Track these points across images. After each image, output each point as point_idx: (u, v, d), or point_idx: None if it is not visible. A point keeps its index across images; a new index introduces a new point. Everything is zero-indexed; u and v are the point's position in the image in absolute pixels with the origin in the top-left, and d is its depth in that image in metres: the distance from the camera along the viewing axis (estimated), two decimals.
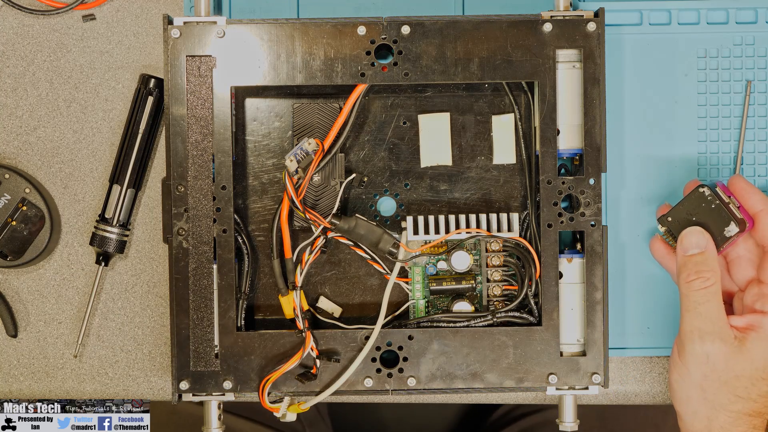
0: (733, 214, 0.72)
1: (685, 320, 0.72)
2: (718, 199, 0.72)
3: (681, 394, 0.74)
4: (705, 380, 0.72)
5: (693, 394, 0.72)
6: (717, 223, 0.72)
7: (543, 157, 0.76)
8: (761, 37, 0.81)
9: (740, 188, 0.74)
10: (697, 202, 0.73)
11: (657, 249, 0.78)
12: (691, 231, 0.73)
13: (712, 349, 0.71)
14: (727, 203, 0.72)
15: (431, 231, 0.78)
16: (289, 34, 0.75)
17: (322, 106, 0.80)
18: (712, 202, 0.72)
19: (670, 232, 0.75)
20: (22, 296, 0.85)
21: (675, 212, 0.74)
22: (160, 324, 0.85)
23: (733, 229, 0.72)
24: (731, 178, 0.75)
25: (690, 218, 0.73)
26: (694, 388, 0.72)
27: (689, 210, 0.74)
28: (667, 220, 0.74)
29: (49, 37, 0.85)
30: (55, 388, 0.85)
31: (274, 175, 0.81)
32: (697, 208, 0.73)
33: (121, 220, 0.83)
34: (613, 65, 0.81)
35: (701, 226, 0.73)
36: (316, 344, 0.77)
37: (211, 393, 0.76)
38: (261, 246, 0.81)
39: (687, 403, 0.73)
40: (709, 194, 0.72)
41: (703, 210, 0.73)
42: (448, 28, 0.75)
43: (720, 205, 0.72)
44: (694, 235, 0.73)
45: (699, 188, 0.73)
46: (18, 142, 0.85)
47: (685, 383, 0.73)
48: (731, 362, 0.71)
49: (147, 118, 0.82)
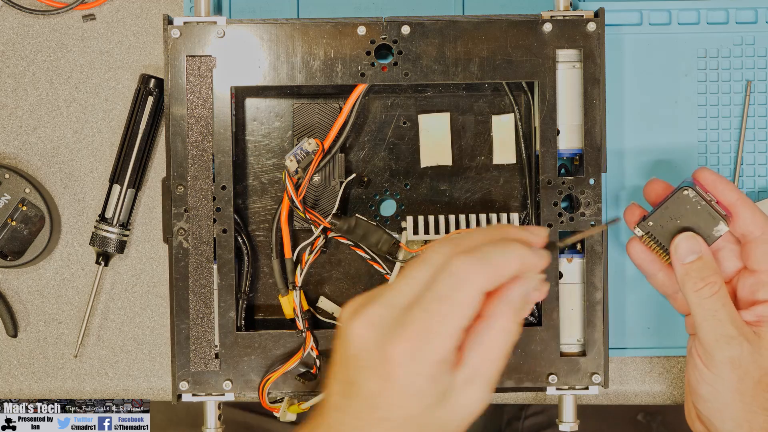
0: (719, 212, 0.70)
1: (706, 330, 0.70)
2: (703, 199, 0.71)
3: (717, 404, 0.71)
4: (741, 383, 0.70)
5: (730, 400, 0.70)
6: (706, 224, 0.71)
7: (543, 157, 0.76)
8: (761, 37, 0.81)
9: (711, 181, 0.72)
10: (681, 205, 0.71)
11: (637, 252, 0.75)
12: (684, 237, 0.71)
13: (741, 351, 0.69)
14: (710, 201, 0.71)
15: (431, 231, 0.78)
16: (289, 34, 0.75)
17: (322, 106, 0.80)
18: (697, 204, 0.71)
19: (651, 236, 0.72)
20: (22, 296, 0.85)
21: (658, 216, 0.72)
22: (160, 324, 0.85)
23: (723, 228, 0.71)
24: (697, 171, 0.73)
25: (675, 222, 0.71)
26: (730, 394, 0.70)
27: (673, 214, 0.71)
28: (648, 224, 0.72)
29: (49, 37, 0.85)
30: (55, 388, 0.85)
31: (274, 175, 0.81)
32: (682, 210, 0.71)
33: (121, 220, 0.83)
34: (613, 65, 0.81)
35: (689, 229, 0.71)
36: (316, 344, 0.77)
37: (210, 393, 0.76)
38: (261, 246, 0.81)
39: (725, 411, 0.71)
40: (693, 196, 0.71)
41: (689, 212, 0.71)
42: (448, 28, 0.75)
43: (706, 205, 0.71)
44: (688, 241, 0.71)
45: (683, 191, 0.71)
46: (18, 142, 0.85)
47: (720, 392, 0.70)
48: (757, 359, 0.69)
49: (147, 118, 0.82)
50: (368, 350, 0.57)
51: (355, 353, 0.58)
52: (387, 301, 0.58)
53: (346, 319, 0.59)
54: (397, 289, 0.58)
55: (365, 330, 0.57)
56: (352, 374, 0.58)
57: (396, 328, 0.56)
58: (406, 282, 0.58)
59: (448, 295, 0.57)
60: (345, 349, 0.58)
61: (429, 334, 0.56)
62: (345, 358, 0.58)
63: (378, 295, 0.59)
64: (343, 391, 0.59)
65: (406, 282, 0.58)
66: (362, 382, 0.57)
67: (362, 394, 0.57)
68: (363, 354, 0.57)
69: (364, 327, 0.57)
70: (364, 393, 0.57)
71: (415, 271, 0.59)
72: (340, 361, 0.59)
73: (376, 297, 0.59)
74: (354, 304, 0.59)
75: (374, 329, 0.57)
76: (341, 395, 0.59)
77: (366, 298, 0.59)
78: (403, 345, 0.56)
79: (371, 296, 0.59)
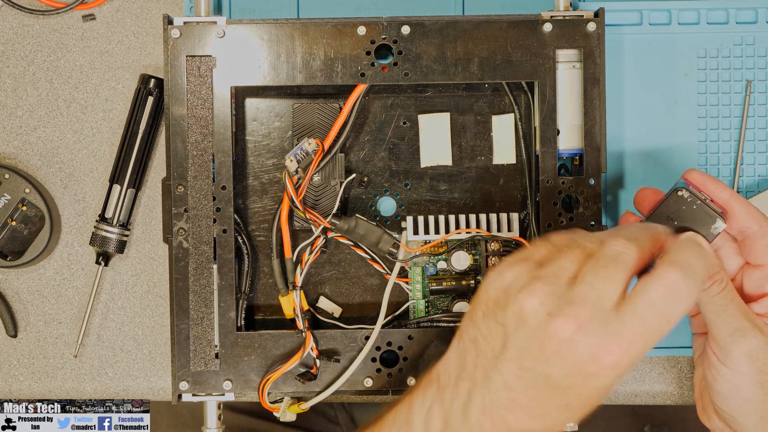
0: (716, 210, 0.71)
1: (719, 326, 0.70)
2: (698, 198, 0.71)
3: (738, 400, 0.71)
4: (761, 375, 0.70)
5: (752, 394, 0.70)
6: (704, 223, 0.71)
7: (543, 157, 0.76)
8: (761, 37, 0.81)
9: (701, 181, 0.72)
10: (677, 206, 0.71)
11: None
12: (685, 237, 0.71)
13: (757, 343, 0.69)
14: (704, 200, 0.71)
15: (431, 231, 0.78)
16: (289, 34, 0.75)
17: (322, 106, 0.80)
18: (693, 203, 0.71)
19: None
20: (22, 296, 0.85)
21: (654, 220, 0.72)
22: (160, 324, 0.85)
23: (720, 225, 0.71)
24: (686, 173, 0.73)
25: (673, 223, 0.71)
26: (752, 387, 0.70)
27: (670, 215, 0.71)
28: None
29: (49, 37, 0.85)
30: (55, 388, 0.85)
31: (274, 175, 0.81)
32: (678, 211, 0.71)
33: (121, 220, 0.83)
34: (613, 65, 0.81)
35: (687, 229, 0.71)
36: (316, 344, 0.77)
37: (210, 393, 0.76)
38: (261, 246, 0.81)
39: (747, 405, 0.71)
40: (688, 196, 0.71)
41: (685, 212, 0.71)
42: (448, 28, 0.75)
43: (702, 203, 0.71)
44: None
45: (677, 192, 0.71)
46: (18, 142, 0.85)
47: (740, 387, 0.70)
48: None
49: (147, 118, 0.82)
50: (535, 321, 0.57)
51: (519, 322, 0.58)
52: (555, 274, 0.58)
53: (517, 285, 0.59)
54: (558, 263, 0.59)
55: (536, 300, 0.58)
56: (503, 331, 0.58)
57: (564, 304, 0.57)
58: (567, 256, 0.59)
59: (616, 257, 0.58)
60: (506, 317, 0.58)
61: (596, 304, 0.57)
62: (501, 319, 0.58)
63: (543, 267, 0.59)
64: (485, 350, 0.59)
65: (567, 256, 0.59)
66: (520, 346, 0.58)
67: (511, 357, 0.58)
68: (529, 322, 0.57)
69: (534, 298, 0.58)
70: (515, 354, 0.57)
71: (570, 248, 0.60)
72: (487, 316, 0.59)
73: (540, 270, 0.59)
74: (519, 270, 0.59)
75: (542, 304, 0.57)
76: (481, 354, 0.59)
77: (528, 267, 0.59)
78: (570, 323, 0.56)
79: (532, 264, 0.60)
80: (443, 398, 0.60)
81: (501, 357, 0.58)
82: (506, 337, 0.58)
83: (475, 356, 0.59)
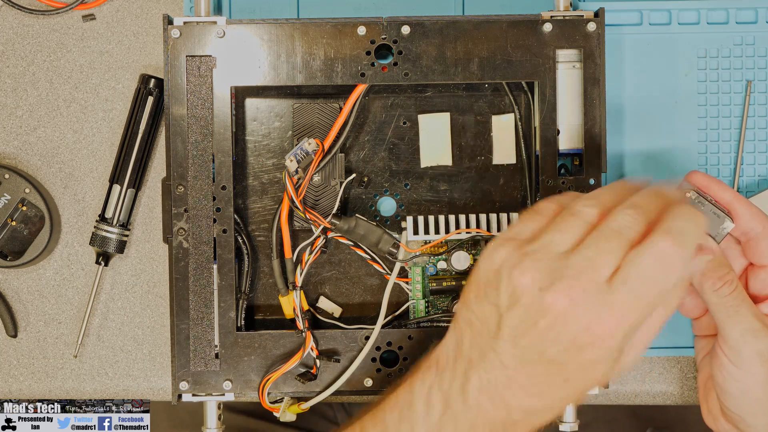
0: (723, 211, 0.71)
1: (730, 326, 0.70)
2: (705, 199, 0.71)
3: (748, 400, 0.71)
4: None
5: (762, 393, 0.70)
6: (712, 223, 0.71)
7: (543, 157, 0.76)
8: (761, 37, 0.81)
9: (704, 183, 0.72)
10: None
11: None
12: None
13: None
14: (710, 201, 0.71)
15: (431, 231, 0.78)
16: (289, 34, 0.75)
17: (322, 106, 0.80)
18: (701, 204, 0.71)
19: None
20: (22, 296, 0.85)
21: None
22: (160, 324, 0.85)
23: (729, 225, 0.71)
24: (689, 175, 0.73)
25: None
26: (762, 387, 0.70)
27: None
28: None
29: (49, 37, 0.85)
30: (55, 388, 0.85)
31: (274, 175, 0.81)
32: None
33: (121, 220, 0.83)
34: (613, 65, 0.81)
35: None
36: (316, 344, 0.77)
37: (210, 393, 0.76)
38: (261, 246, 0.81)
39: (757, 406, 0.71)
40: (695, 197, 0.71)
41: None
42: (448, 28, 0.75)
43: (709, 204, 0.71)
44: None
45: (684, 193, 0.71)
46: (18, 142, 0.85)
47: (751, 387, 0.70)
48: None
49: (147, 118, 0.82)
50: (530, 297, 0.57)
51: (515, 298, 0.58)
52: (545, 248, 0.58)
53: (508, 264, 0.58)
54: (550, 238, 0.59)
55: (527, 278, 0.57)
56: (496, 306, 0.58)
57: (556, 279, 0.57)
58: (559, 228, 0.59)
59: (620, 231, 0.57)
60: (501, 292, 0.58)
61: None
62: (496, 295, 0.58)
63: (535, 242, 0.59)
64: (481, 331, 0.59)
65: (559, 228, 0.59)
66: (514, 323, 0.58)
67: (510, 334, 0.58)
68: (523, 299, 0.57)
69: (525, 276, 0.58)
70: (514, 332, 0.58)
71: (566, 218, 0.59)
72: (484, 294, 0.59)
73: (533, 246, 0.59)
74: (509, 248, 0.59)
75: (535, 279, 0.57)
76: (477, 334, 0.59)
77: (518, 244, 0.59)
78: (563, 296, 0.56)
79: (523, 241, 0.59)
80: (442, 380, 0.60)
81: (496, 336, 0.58)
82: (500, 316, 0.58)
83: (471, 337, 0.60)
